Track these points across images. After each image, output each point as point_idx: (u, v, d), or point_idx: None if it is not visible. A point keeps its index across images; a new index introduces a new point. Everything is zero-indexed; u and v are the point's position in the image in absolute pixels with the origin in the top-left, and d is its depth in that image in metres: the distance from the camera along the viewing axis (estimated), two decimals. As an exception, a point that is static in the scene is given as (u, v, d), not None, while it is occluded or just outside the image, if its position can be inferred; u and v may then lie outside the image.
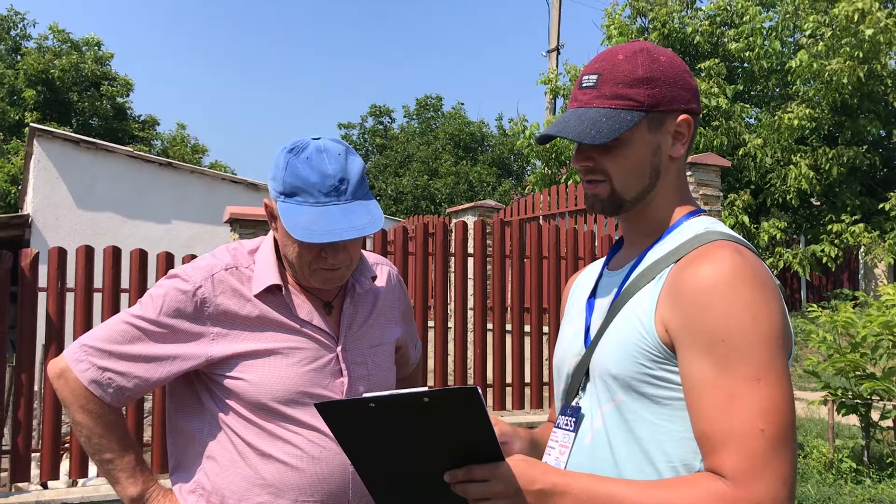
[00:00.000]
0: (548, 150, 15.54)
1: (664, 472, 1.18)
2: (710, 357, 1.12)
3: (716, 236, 1.22)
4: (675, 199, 1.34)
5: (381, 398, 1.09)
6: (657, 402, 1.19)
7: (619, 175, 1.29)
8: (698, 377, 1.13)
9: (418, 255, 5.81)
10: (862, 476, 5.74)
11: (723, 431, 1.10)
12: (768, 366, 1.10)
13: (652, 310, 1.20)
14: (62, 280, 4.72)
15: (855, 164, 13.90)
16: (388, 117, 34.03)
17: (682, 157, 1.33)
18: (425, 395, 1.07)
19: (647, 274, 1.26)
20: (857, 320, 6.11)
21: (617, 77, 1.27)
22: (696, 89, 1.33)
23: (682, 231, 1.29)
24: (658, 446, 1.19)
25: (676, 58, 1.32)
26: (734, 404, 1.09)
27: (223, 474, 1.67)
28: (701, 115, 13.78)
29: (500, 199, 26.33)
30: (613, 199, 1.30)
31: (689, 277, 1.16)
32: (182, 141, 27.60)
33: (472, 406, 1.08)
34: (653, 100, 1.27)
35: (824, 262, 13.84)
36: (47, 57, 23.37)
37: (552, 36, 20.81)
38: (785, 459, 1.08)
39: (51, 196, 11.41)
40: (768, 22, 15.39)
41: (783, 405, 1.10)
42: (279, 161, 1.63)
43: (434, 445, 1.14)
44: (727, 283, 1.13)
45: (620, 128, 1.24)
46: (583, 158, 1.31)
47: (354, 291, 1.80)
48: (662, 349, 1.18)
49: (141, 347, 1.63)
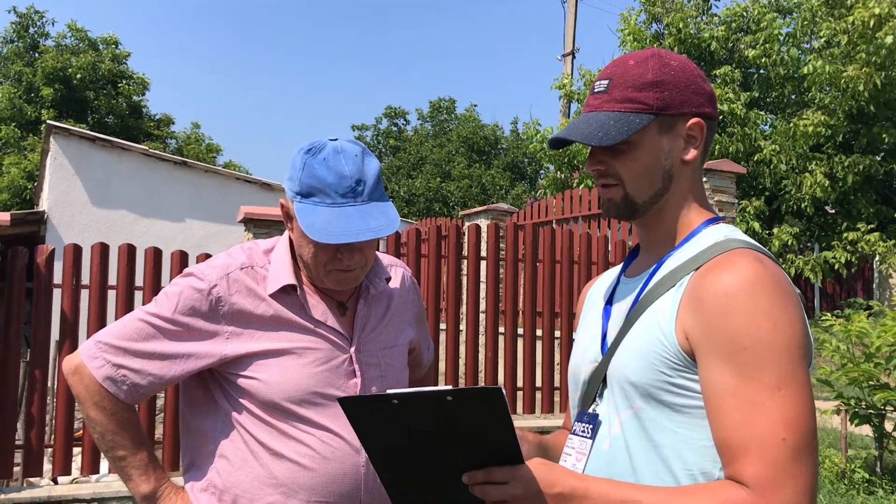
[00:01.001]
0: (560, 155, 15.51)
1: (682, 479, 1.17)
2: (731, 365, 1.11)
3: (736, 244, 1.22)
4: (692, 205, 1.33)
5: (405, 395, 1.08)
6: (677, 409, 1.19)
7: (631, 178, 1.29)
8: (719, 385, 1.12)
9: (431, 257, 5.81)
10: (874, 487, 5.69)
11: (744, 440, 1.09)
12: (789, 374, 1.09)
13: (672, 318, 1.20)
14: (77, 277, 4.75)
15: (870, 173, 13.81)
16: (402, 119, 34.09)
17: (697, 162, 1.32)
18: (449, 393, 1.07)
19: (666, 281, 1.25)
20: (872, 330, 6.07)
21: (627, 81, 1.28)
22: (712, 94, 1.32)
23: (701, 238, 1.29)
24: (677, 454, 1.18)
25: (690, 63, 1.32)
26: (756, 413, 1.09)
27: (235, 473, 1.67)
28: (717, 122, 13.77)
29: (513, 202, 26.30)
30: (627, 203, 1.30)
31: (709, 285, 1.16)
32: (196, 140, 27.71)
33: (495, 406, 1.08)
34: (662, 103, 1.26)
35: (837, 269, 13.75)
36: (65, 55, 23.52)
37: (567, 40, 20.78)
38: (806, 469, 1.07)
39: (66, 193, 11.49)
40: (785, 28, 15.32)
41: (805, 414, 1.09)
42: (296, 161, 1.63)
43: (454, 445, 1.13)
44: (748, 292, 1.12)
45: (628, 130, 1.24)
46: (595, 162, 1.31)
47: (369, 293, 1.80)
48: (682, 357, 1.18)
49: (156, 345, 1.64)
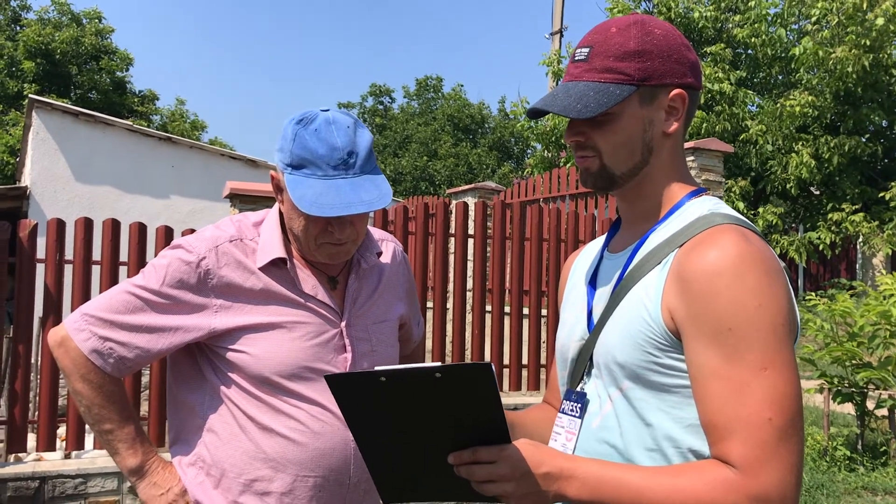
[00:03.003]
0: (547, 134, 15.49)
1: (673, 458, 1.17)
2: (716, 345, 1.10)
3: (720, 219, 1.19)
4: (673, 178, 1.30)
5: (393, 371, 1.06)
6: (665, 389, 1.18)
7: (609, 150, 1.25)
8: (705, 365, 1.11)
9: (418, 235, 5.79)
10: (855, 464, 5.76)
11: (730, 420, 1.08)
12: (775, 354, 1.08)
13: (658, 298, 1.18)
14: (61, 252, 4.70)
15: (856, 154, 13.88)
16: (388, 97, 33.92)
17: (678, 134, 1.29)
18: (438, 369, 1.04)
19: (650, 259, 1.23)
20: (855, 310, 6.12)
21: (608, 50, 1.23)
22: (696, 64, 1.28)
23: (685, 212, 1.26)
24: (666, 433, 1.17)
25: (674, 31, 1.27)
26: (742, 393, 1.08)
27: (224, 447, 1.66)
28: (704, 100, 13.92)
29: (500, 181, 26.28)
30: (603, 174, 1.27)
31: (694, 264, 1.14)
32: (181, 116, 27.47)
33: (484, 383, 1.06)
34: (643, 73, 1.22)
35: (821, 250, 13.85)
36: (48, 29, 23.19)
37: (555, 18, 20.68)
38: (792, 448, 1.07)
39: (49, 168, 11.35)
40: (773, 9, 15.31)
41: (790, 394, 1.08)
42: (287, 132, 1.60)
43: (441, 423, 1.11)
44: (734, 271, 1.10)
45: (608, 102, 1.21)
46: (573, 133, 1.27)
47: (360, 267, 1.78)
48: (669, 337, 1.16)
49: (143, 318, 1.61)
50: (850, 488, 5.30)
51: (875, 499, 5.17)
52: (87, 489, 4.34)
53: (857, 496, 5.20)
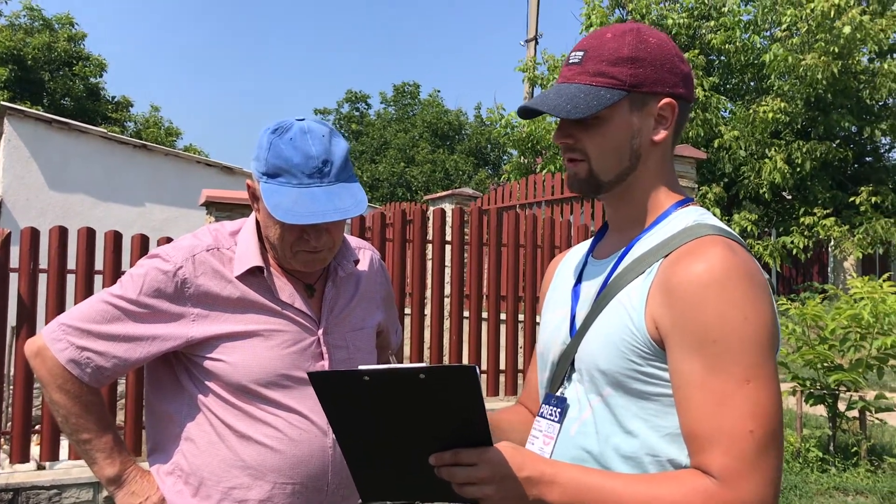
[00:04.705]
0: (524, 140, 15.55)
1: (649, 467, 1.18)
2: (700, 357, 1.11)
3: (706, 230, 1.20)
4: (660, 186, 1.30)
5: (377, 371, 1.06)
6: (645, 397, 1.18)
7: (597, 154, 1.26)
8: (688, 376, 1.12)
9: (396, 241, 5.80)
10: (828, 465, 5.84)
11: (712, 431, 1.09)
12: (758, 367, 1.10)
13: (642, 306, 1.18)
14: (35, 261, 4.66)
15: (827, 159, 14.09)
16: (364, 104, 33.88)
17: (667, 143, 1.30)
18: (422, 370, 1.05)
19: (635, 267, 1.23)
20: (826, 314, 6.21)
21: (602, 55, 1.25)
22: (687, 75, 1.29)
23: (671, 222, 1.26)
24: (645, 441, 1.18)
25: (669, 42, 1.29)
26: (724, 405, 1.09)
27: (202, 456, 1.66)
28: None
29: (477, 187, 26.32)
30: (591, 180, 1.28)
31: (680, 275, 1.15)
32: (156, 123, 27.24)
33: (468, 385, 1.06)
34: (635, 79, 1.23)
35: (795, 254, 14.03)
36: (19, 35, 22.93)
37: (531, 25, 20.80)
38: (772, 461, 1.09)
39: (22, 176, 11.22)
40: (746, 16, 15.52)
41: (772, 407, 1.10)
42: (262, 142, 1.62)
43: (423, 425, 1.11)
44: (719, 283, 1.11)
45: (598, 105, 1.22)
46: (563, 135, 1.28)
47: (337, 275, 1.79)
48: (652, 346, 1.17)
49: (120, 327, 1.61)
50: (823, 489, 5.37)
51: (847, 499, 5.25)
52: (62, 500, 4.30)
53: (829, 496, 5.27)
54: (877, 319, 5.90)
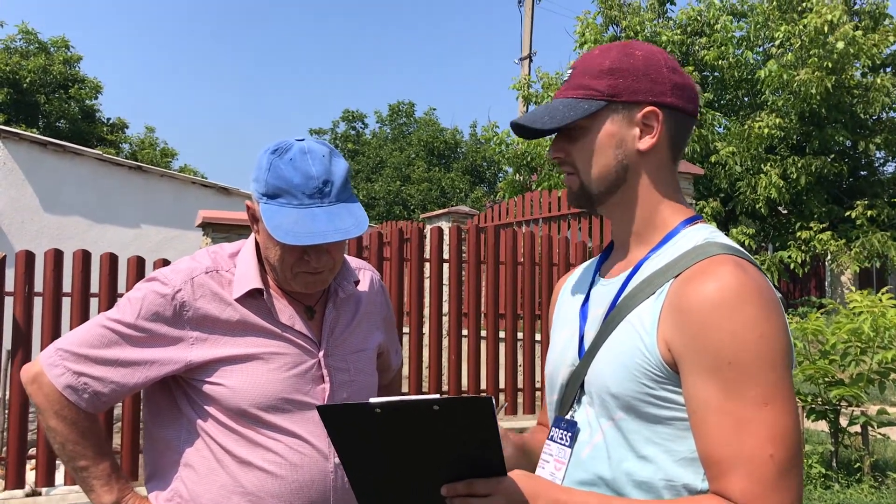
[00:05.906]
0: (519, 157, 15.57)
1: (664, 493, 1.15)
2: (716, 379, 1.09)
3: (717, 249, 1.18)
4: (661, 201, 1.28)
5: (388, 404, 1.04)
6: (659, 421, 1.16)
7: (584, 165, 1.27)
8: (704, 400, 1.10)
9: (393, 260, 5.78)
10: (831, 481, 5.80)
11: (731, 456, 1.07)
12: (776, 389, 1.08)
13: (654, 328, 1.16)
14: (30, 284, 4.63)
15: (822, 174, 14.14)
16: (360, 122, 33.99)
17: (660, 154, 1.27)
18: (436, 402, 1.02)
19: (645, 287, 1.21)
20: (826, 328, 6.19)
21: (587, 69, 1.28)
22: (683, 86, 1.27)
23: (680, 241, 1.24)
24: (659, 466, 1.15)
25: (660, 54, 1.28)
26: (743, 429, 1.07)
27: (201, 482, 1.63)
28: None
29: (473, 205, 26.38)
30: (582, 192, 1.29)
31: (692, 296, 1.13)
32: (151, 145, 27.28)
33: (483, 416, 1.04)
34: (613, 90, 1.24)
35: (792, 269, 14.04)
36: (15, 58, 22.99)
37: (524, 44, 20.91)
38: (792, 483, 1.07)
39: (17, 199, 11.21)
40: (739, 32, 15.62)
41: (791, 429, 1.08)
42: (262, 162, 1.60)
43: (435, 455, 1.09)
44: (732, 303, 1.09)
45: (574, 115, 1.23)
46: (555, 150, 1.31)
47: (337, 296, 1.77)
48: (665, 369, 1.14)
49: (118, 352, 1.59)
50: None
51: (851, 515, 5.21)
52: (59, 526, 4.24)
53: (834, 513, 5.23)
54: (877, 333, 5.88)
